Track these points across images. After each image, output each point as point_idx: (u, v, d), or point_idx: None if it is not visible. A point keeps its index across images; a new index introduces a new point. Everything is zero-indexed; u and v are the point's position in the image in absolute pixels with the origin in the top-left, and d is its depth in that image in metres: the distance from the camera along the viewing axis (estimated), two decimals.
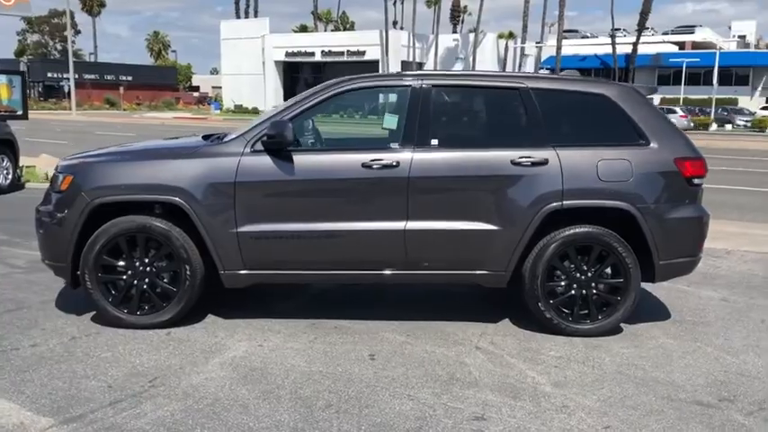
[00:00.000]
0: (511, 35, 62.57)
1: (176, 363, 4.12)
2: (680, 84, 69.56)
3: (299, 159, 4.59)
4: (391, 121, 4.78)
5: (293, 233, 4.60)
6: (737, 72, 70.75)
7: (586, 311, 4.73)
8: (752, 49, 76.45)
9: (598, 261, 4.69)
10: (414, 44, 58.82)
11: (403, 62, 59.29)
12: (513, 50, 63.22)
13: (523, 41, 61.69)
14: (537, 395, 3.79)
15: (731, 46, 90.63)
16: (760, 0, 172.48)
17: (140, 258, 4.64)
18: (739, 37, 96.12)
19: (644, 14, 70.20)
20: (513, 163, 4.62)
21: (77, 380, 3.85)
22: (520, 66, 62.80)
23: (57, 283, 5.38)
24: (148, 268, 4.65)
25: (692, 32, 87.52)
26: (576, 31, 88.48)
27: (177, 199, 4.55)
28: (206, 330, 4.68)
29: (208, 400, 3.65)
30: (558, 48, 64.99)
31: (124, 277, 4.66)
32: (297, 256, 4.67)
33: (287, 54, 62.48)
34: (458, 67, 62.77)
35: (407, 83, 4.77)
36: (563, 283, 4.71)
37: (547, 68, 65.92)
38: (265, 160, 4.59)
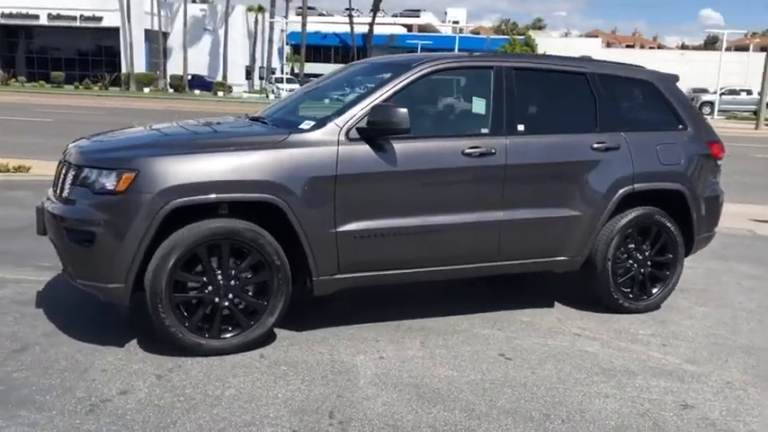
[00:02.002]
0: (260, 9, 61.62)
1: (326, 390, 3.50)
2: None
3: (399, 147, 4.12)
4: (480, 105, 4.51)
5: (396, 230, 4.15)
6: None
7: (642, 288, 4.99)
8: (465, 34, 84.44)
9: (654, 239, 4.96)
10: (159, 12, 54.99)
11: (147, 31, 55.29)
12: (262, 24, 62.38)
13: (272, 16, 61.17)
14: (693, 376, 3.92)
15: (448, 30, 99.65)
16: None
17: (224, 270, 3.83)
18: (454, 22, 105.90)
19: None
20: (593, 148, 4.68)
21: (246, 428, 3.10)
22: (270, 41, 62.22)
23: (45, 309, 4.24)
24: (233, 281, 3.86)
25: (418, 16, 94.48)
26: (314, 9, 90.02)
27: (275, 197, 3.82)
28: (302, 349, 4.03)
29: (407, 426, 3.18)
30: (304, 24, 65.72)
31: (202, 295, 3.81)
32: (398, 254, 4.22)
33: (3, 15, 54.48)
34: (206, 39, 60.31)
35: (489, 64, 4.53)
36: (627, 263, 4.91)
37: (291, 44, 66.31)
38: (365, 149, 4.06)
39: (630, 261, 4.91)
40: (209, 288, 3.81)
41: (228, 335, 3.88)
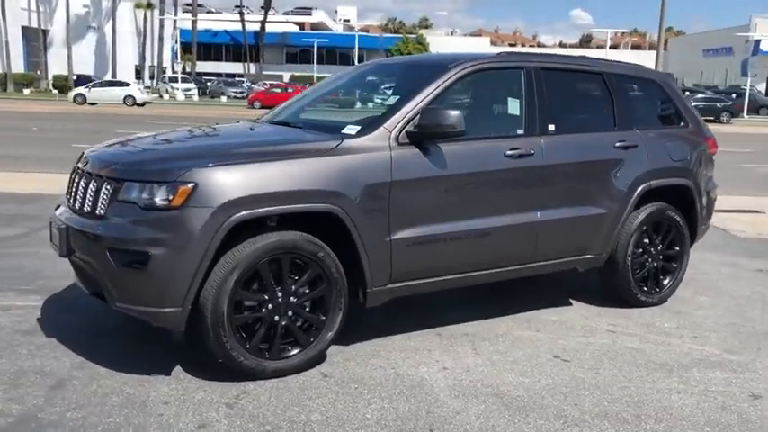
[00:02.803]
0: (149, 5, 59.11)
1: (412, 406, 3.35)
2: (309, 62, 74.30)
3: (447, 150, 4.01)
4: (514, 106, 4.47)
5: (446, 235, 4.04)
6: (345, 53, 77.58)
7: (655, 282, 5.14)
8: (356, 32, 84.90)
9: (666, 233, 5.11)
10: (38, 8, 51.56)
11: (24, 28, 51.76)
12: (151, 22, 59.88)
13: (162, 13, 58.84)
14: (739, 365, 4.04)
15: (339, 28, 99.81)
16: None
17: (283, 286, 3.59)
18: (345, 21, 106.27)
19: None
20: (615, 146, 4.76)
21: None
22: (160, 39, 59.88)
23: (58, 338, 3.86)
24: (292, 298, 3.62)
25: (310, 14, 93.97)
26: (202, 6, 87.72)
27: (336, 207, 3.62)
28: (360, 364, 3.84)
29: None
30: (194, 21, 63.85)
31: (263, 314, 3.56)
32: (447, 260, 4.12)
33: None
34: (91, 37, 57.24)
35: (519, 64, 4.50)
36: (642, 258, 5.03)
37: (181, 42, 64.22)
38: (415, 154, 3.92)
39: (645, 256, 5.03)
40: (269, 306, 3.56)
41: (289, 354, 3.64)
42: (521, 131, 4.42)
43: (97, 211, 3.51)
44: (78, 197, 3.72)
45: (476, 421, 3.24)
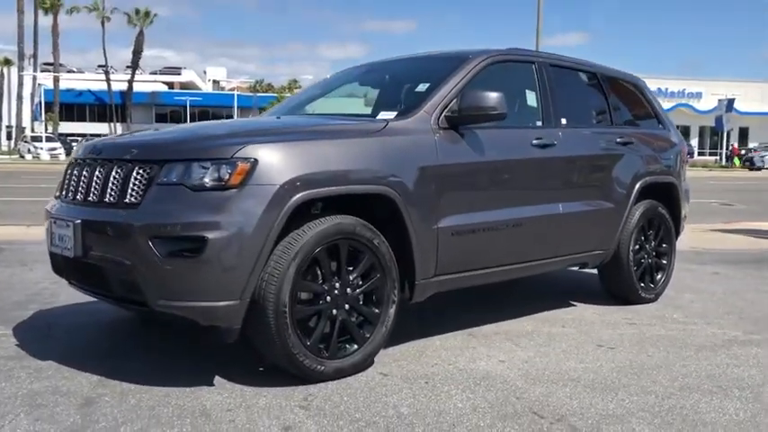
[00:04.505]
0: (7, 62, 55.66)
1: (499, 395, 3.09)
2: (180, 121, 72.66)
3: (482, 135, 3.89)
4: (532, 98, 4.43)
5: (486, 225, 3.87)
6: (226, 112, 76.86)
7: (651, 278, 5.21)
8: (226, 92, 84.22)
9: (657, 230, 5.22)
10: None
11: None
12: (8, 79, 56.35)
13: (21, 70, 55.51)
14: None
15: (209, 87, 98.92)
16: (199, 52, 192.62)
17: (341, 276, 3.26)
18: (214, 81, 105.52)
19: (136, 53, 71.03)
20: (617, 142, 4.84)
21: None
22: (19, 98, 56.39)
23: (57, 359, 3.32)
24: (349, 289, 3.29)
25: (179, 74, 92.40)
26: (63, 66, 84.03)
27: (390, 189, 3.37)
28: (413, 362, 3.54)
29: (626, 413, 2.92)
30: (56, 79, 60.99)
31: (322, 307, 3.20)
32: (486, 251, 3.94)
33: None
34: None
35: (530, 59, 4.51)
36: (640, 254, 5.10)
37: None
38: (455, 137, 3.76)
39: (642, 252, 5.11)
40: (328, 298, 3.21)
41: (348, 352, 3.29)
42: (539, 123, 4.39)
43: (127, 199, 3.05)
44: (93, 188, 3.23)
45: (572, 402, 3.03)
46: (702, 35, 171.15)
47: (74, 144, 54.60)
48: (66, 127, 69.13)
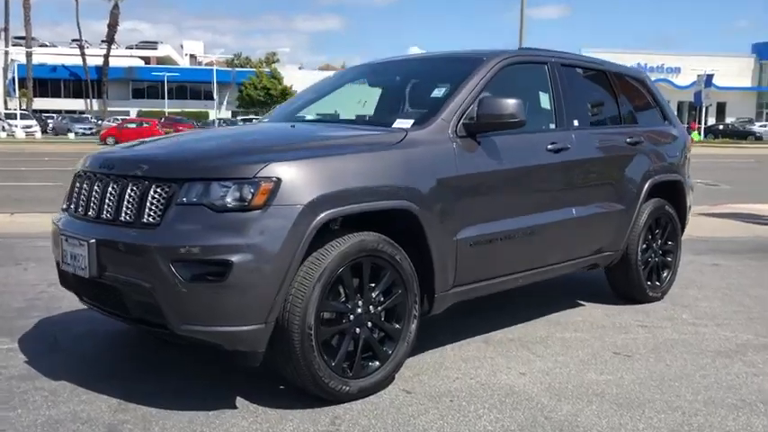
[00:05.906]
0: None
1: (527, 414, 3.06)
2: (158, 97, 71.60)
3: (499, 143, 3.82)
4: (545, 100, 4.36)
5: (503, 233, 3.82)
6: (204, 88, 75.68)
7: (657, 277, 5.20)
8: (203, 66, 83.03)
9: (663, 228, 5.20)
10: None
11: None
12: None
13: None
14: None
15: (186, 62, 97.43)
16: (175, 24, 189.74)
17: (364, 294, 3.19)
18: (191, 56, 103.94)
19: (111, 27, 69.60)
20: (626, 142, 4.80)
21: None
22: (5, 71, 55.14)
23: (70, 379, 3.21)
24: (371, 307, 3.23)
25: (156, 48, 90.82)
26: (35, 39, 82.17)
27: (411, 203, 3.29)
28: (433, 377, 3.49)
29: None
30: (29, 55, 59.70)
31: (345, 326, 3.14)
32: (503, 260, 3.89)
33: None
34: None
35: (543, 60, 4.43)
36: (648, 254, 5.08)
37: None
38: (473, 146, 3.68)
39: (649, 251, 5.09)
40: (351, 317, 3.15)
41: (370, 371, 3.23)
42: (552, 126, 4.33)
43: (145, 219, 2.95)
44: (107, 205, 3.12)
45: (602, 421, 3.01)
46: (679, 8, 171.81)
47: (49, 121, 53.68)
48: (41, 103, 67.86)
